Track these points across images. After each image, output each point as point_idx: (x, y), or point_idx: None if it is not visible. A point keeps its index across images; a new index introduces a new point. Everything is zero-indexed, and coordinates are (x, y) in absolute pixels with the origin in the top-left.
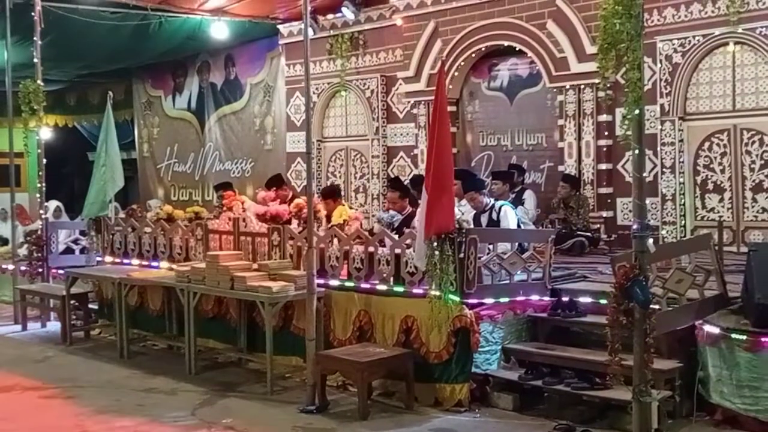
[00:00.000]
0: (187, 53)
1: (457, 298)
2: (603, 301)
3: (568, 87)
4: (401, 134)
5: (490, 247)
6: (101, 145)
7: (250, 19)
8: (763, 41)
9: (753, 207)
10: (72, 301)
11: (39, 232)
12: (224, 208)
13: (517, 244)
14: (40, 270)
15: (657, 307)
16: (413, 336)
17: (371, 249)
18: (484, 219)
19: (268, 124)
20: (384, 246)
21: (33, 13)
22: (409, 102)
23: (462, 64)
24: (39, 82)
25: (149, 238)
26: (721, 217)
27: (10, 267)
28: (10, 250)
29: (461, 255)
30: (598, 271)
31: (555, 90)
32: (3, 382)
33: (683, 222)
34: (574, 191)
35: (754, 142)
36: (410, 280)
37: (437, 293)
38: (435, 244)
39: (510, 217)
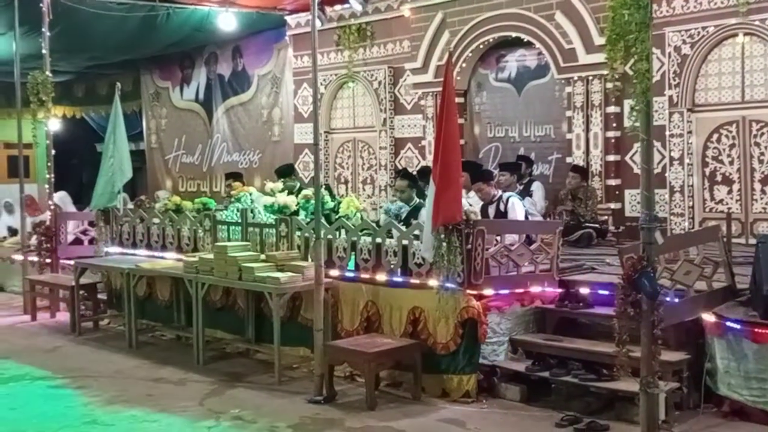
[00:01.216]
0: (194, 45)
1: (464, 290)
2: (610, 293)
3: (576, 78)
4: (409, 125)
5: (498, 238)
6: (109, 136)
7: (257, 10)
8: None
9: (762, 199)
10: (81, 292)
11: (48, 223)
12: (232, 198)
13: (524, 235)
14: (49, 261)
15: (665, 298)
16: (421, 327)
17: (378, 240)
18: (491, 210)
19: (275, 116)
20: (391, 237)
21: (41, 4)
22: (416, 93)
23: (470, 55)
24: (47, 73)
25: (157, 229)
26: (729, 208)
27: (20, 258)
28: (19, 240)
29: (469, 246)
30: (606, 263)
31: (563, 81)
32: (13, 372)
33: (691, 214)
34: (584, 182)
35: (763, 134)
36: (418, 271)
37: (445, 284)
38: (443, 235)
39: (518, 208)
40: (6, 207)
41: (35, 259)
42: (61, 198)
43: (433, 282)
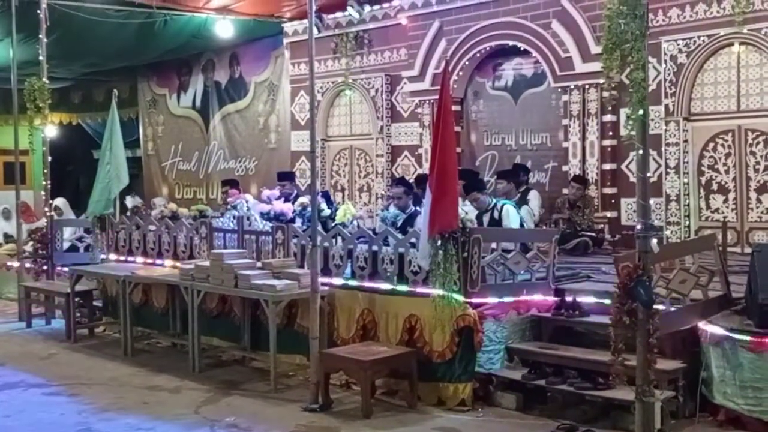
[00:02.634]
0: (192, 51)
1: (460, 298)
2: (606, 301)
3: (572, 87)
4: (405, 133)
5: (494, 246)
6: (106, 143)
7: (255, 17)
8: None
9: (757, 208)
10: (76, 299)
11: (44, 230)
12: (229, 205)
13: (520, 243)
14: (45, 267)
15: (661, 307)
16: (417, 335)
17: (375, 248)
18: (485, 219)
19: (272, 123)
20: (388, 245)
21: (38, 11)
22: (413, 101)
23: (466, 63)
24: (44, 79)
25: (154, 236)
26: (725, 217)
27: (15, 264)
28: (14, 247)
29: (465, 254)
30: (602, 271)
31: (559, 90)
32: (8, 379)
33: (687, 222)
34: (584, 192)
35: (758, 143)
36: (414, 279)
37: (441, 292)
38: (439, 243)
39: (512, 215)
40: (3, 213)
41: (31, 265)
42: (56, 206)
43: (429, 290)
